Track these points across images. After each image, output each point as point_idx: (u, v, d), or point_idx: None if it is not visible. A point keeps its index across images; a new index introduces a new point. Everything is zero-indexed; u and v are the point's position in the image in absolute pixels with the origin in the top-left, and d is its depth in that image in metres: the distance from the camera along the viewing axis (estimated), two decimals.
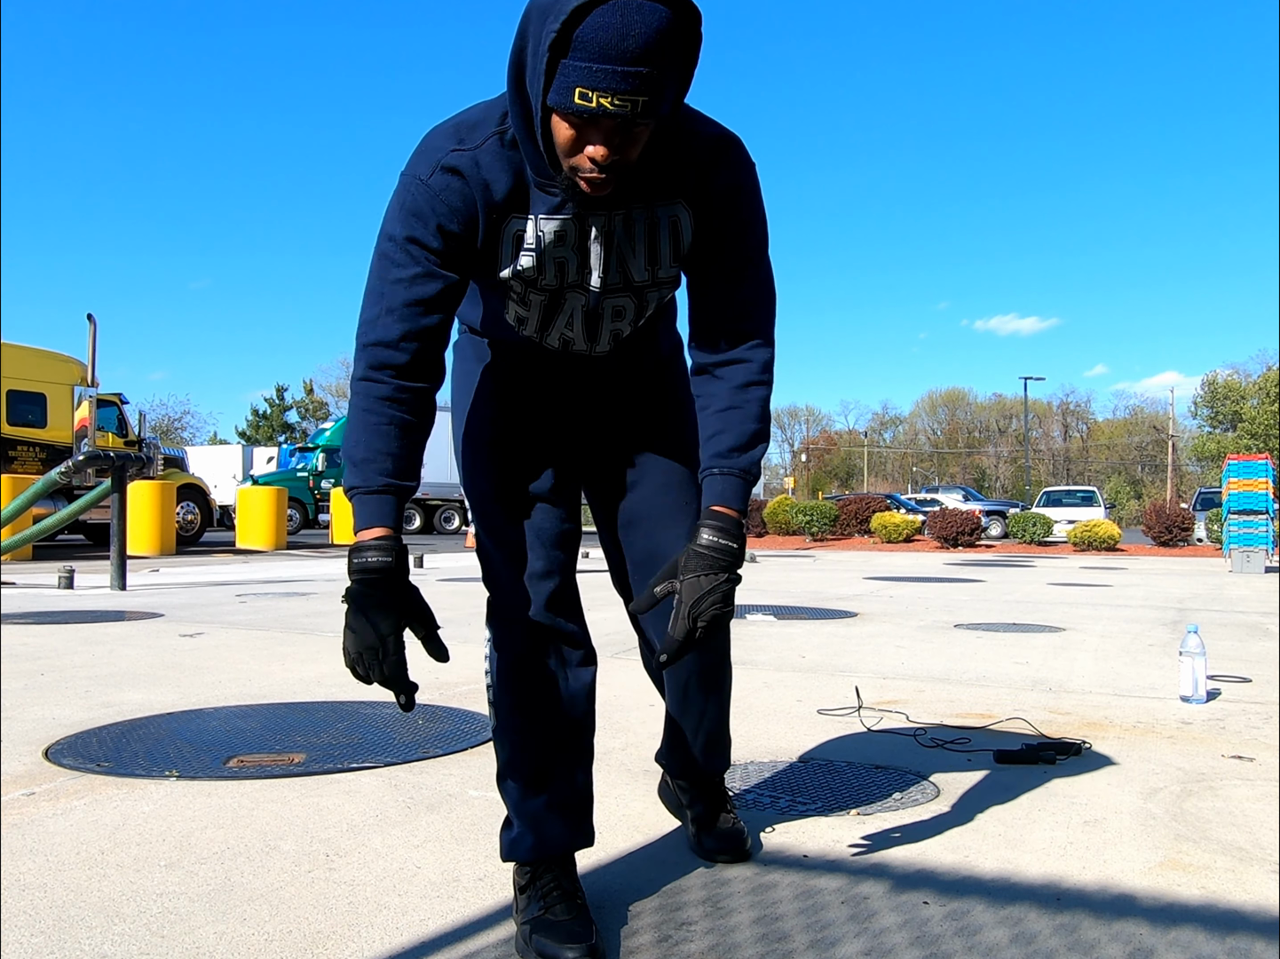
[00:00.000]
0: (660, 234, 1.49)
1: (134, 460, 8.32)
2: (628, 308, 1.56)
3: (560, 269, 1.49)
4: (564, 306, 1.54)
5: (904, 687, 3.63)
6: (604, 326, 1.58)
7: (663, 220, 1.48)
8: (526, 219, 1.45)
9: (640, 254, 1.50)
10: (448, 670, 3.90)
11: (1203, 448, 56.04)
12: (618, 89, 1.21)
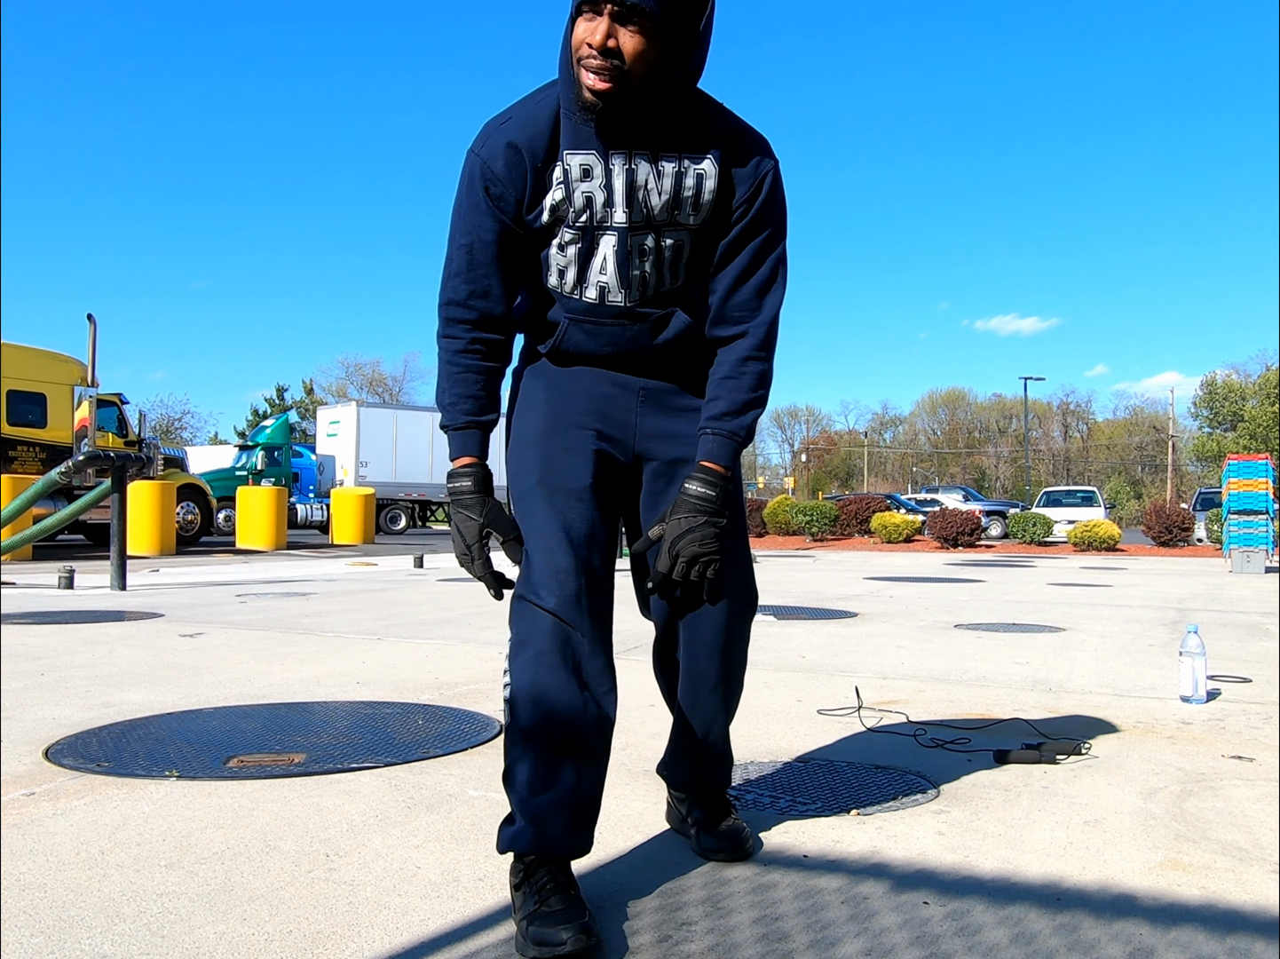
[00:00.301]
0: (684, 182, 1.65)
1: (134, 460, 8.32)
2: (651, 248, 1.68)
3: (588, 202, 1.64)
4: (597, 250, 1.67)
5: (904, 687, 3.63)
6: (632, 268, 1.68)
7: (689, 171, 1.65)
8: (557, 163, 1.63)
9: (664, 194, 1.64)
10: (448, 670, 3.90)
11: (1203, 448, 56.05)
12: None
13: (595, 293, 1.71)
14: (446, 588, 8.01)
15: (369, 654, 4.33)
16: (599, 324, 1.74)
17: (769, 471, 78.38)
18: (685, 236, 1.69)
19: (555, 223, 1.66)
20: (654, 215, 1.66)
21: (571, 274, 1.70)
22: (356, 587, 8.17)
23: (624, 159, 1.62)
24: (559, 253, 1.69)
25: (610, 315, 1.73)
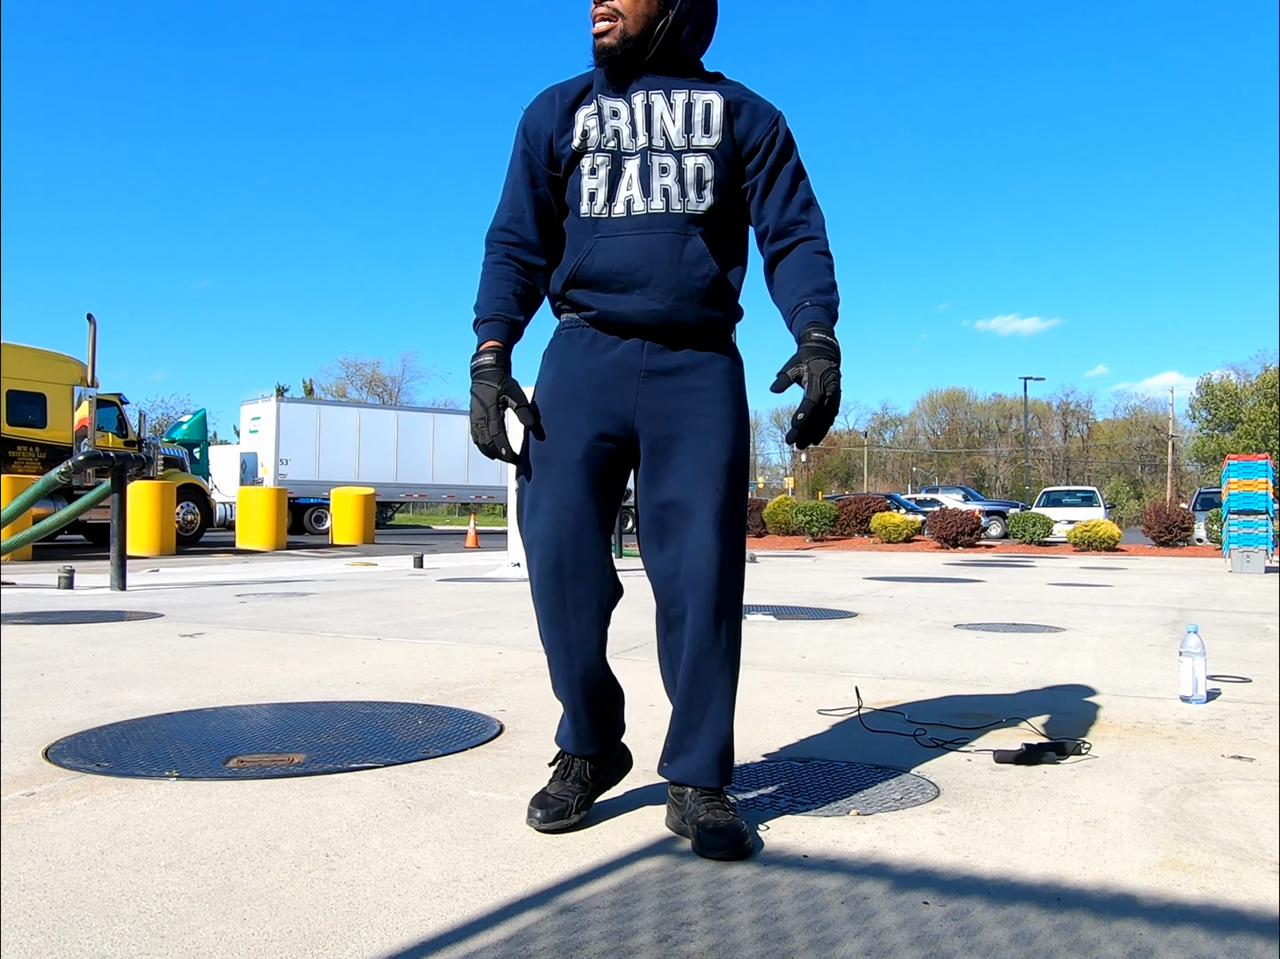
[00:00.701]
0: (694, 110, 1.94)
1: (134, 460, 8.32)
2: (670, 166, 1.93)
3: (616, 133, 1.94)
4: (624, 170, 1.94)
5: (904, 687, 3.63)
6: (654, 182, 1.93)
7: (697, 101, 1.95)
8: (587, 104, 1.97)
9: (678, 121, 1.94)
10: (448, 670, 3.90)
11: (1202, 449, 56.04)
12: None
13: (623, 207, 1.94)
14: (446, 588, 8.01)
15: (369, 654, 4.33)
16: (624, 236, 1.93)
17: (769, 471, 78.33)
18: (707, 160, 1.94)
19: (583, 152, 1.96)
20: (671, 140, 1.94)
21: (602, 194, 1.95)
22: (356, 587, 8.17)
23: (643, 96, 1.95)
24: (590, 176, 1.96)
25: (635, 226, 1.93)
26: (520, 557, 9.63)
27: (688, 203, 1.93)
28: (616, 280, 1.93)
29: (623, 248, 1.93)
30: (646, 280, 1.92)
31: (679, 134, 1.93)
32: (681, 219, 1.93)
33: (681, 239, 1.92)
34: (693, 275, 1.93)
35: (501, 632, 5.15)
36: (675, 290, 1.92)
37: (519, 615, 5.92)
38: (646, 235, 1.92)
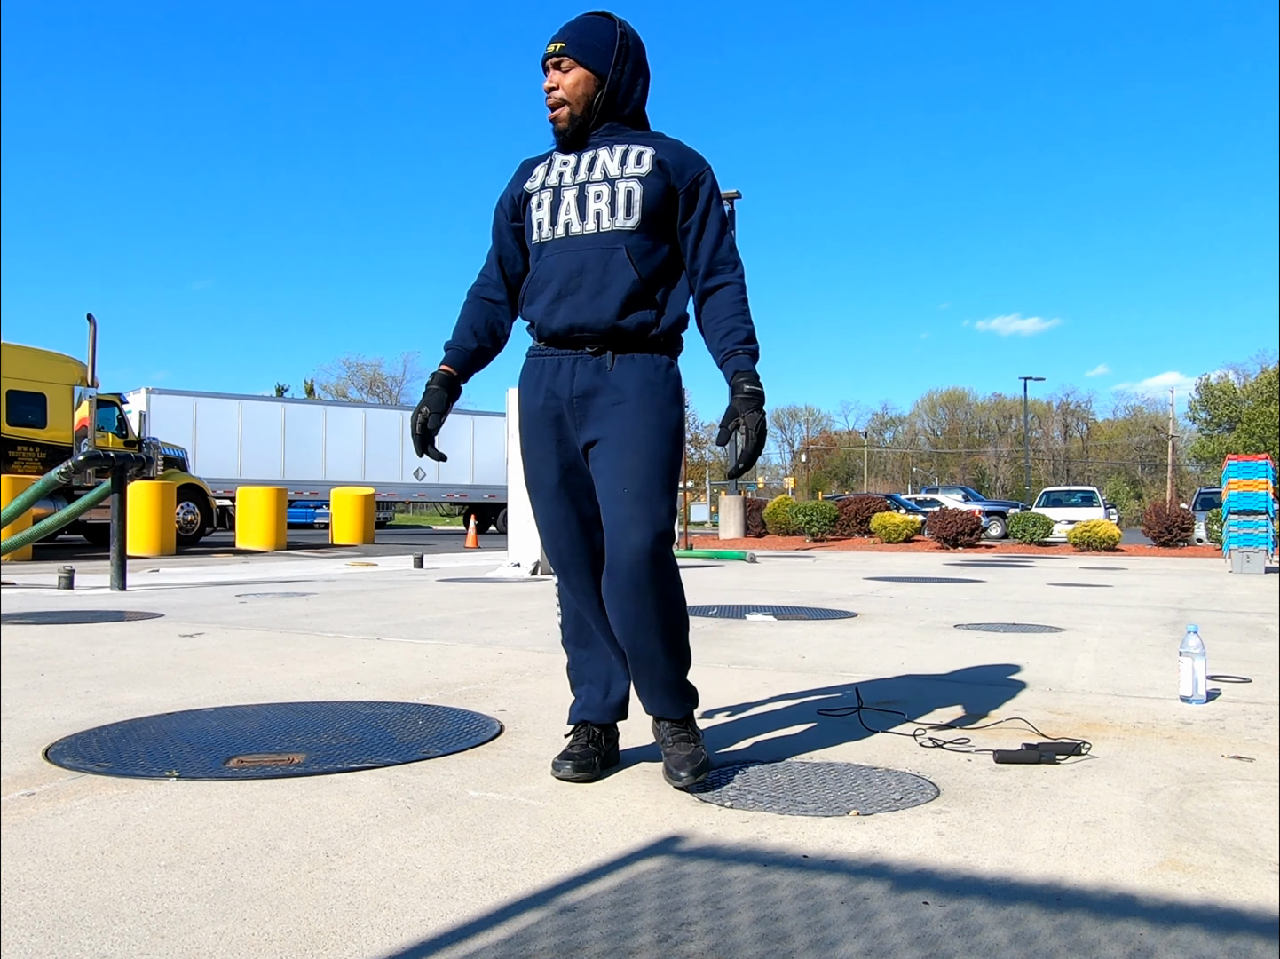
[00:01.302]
0: (629, 153, 2.29)
1: (134, 460, 8.32)
2: (606, 192, 2.26)
3: (560, 175, 2.31)
4: (563, 199, 2.29)
5: (904, 687, 3.63)
6: (589, 206, 2.26)
7: (632, 148, 2.30)
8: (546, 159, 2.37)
9: (615, 160, 2.28)
10: (448, 671, 3.90)
11: (1202, 449, 56.03)
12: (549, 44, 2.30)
13: (562, 229, 2.29)
14: (446, 588, 8.01)
15: (369, 654, 4.33)
16: (561, 253, 2.27)
17: (769, 471, 78.31)
18: (636, 184, 2.25)
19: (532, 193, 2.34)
20: (608, 172, 2.27)
21: (546, 221, 2.30)
22: (356, 587, 8.17)
23: (590, 151, 2.32)
24: (537, 209, 2.32)
25: (571, 245, 2.27)
26: (519, 557, 9.65)
27: (616, 221, 2.25)
28: (550, 288, 2.28)
29: (559, 261, 2.27)
30: (577, 288, 2.25)
31: (615, 167, 2.27)
32: (611, 235, 2.25)
33: (609, 251, 2.24)
34: (615, 280, 2.23)
35: (501, 632, 5.15)
36: (599, 294, 2.24)
37: (519, 615, 5.92)
38: (580, 251, 2.26)
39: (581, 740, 2.41)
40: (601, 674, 2.43)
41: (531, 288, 2.32)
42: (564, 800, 2.20)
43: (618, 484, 2.23)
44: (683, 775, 2.24)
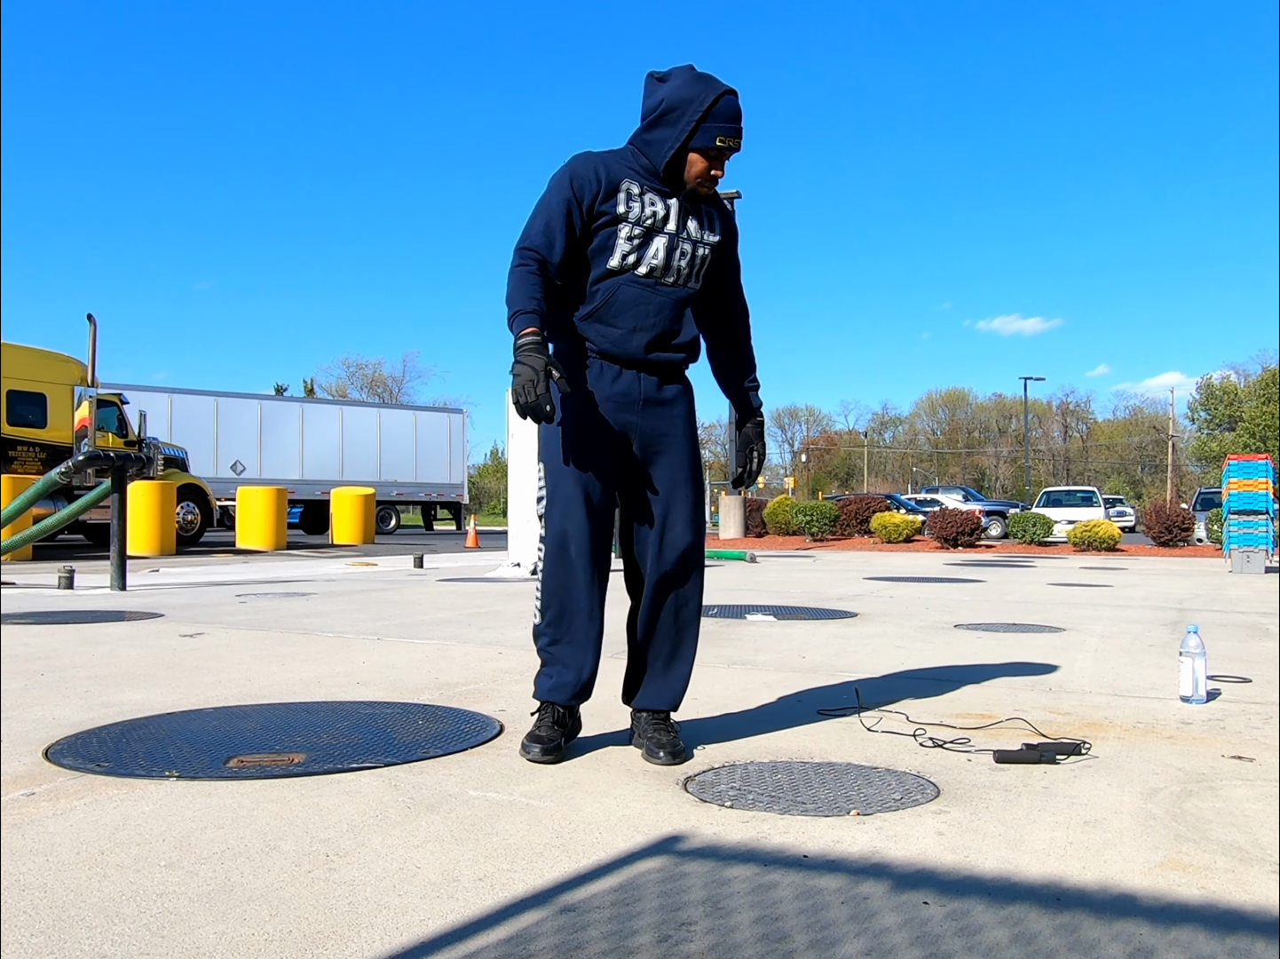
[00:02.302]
0: (708, 220, 2.64)
1: (134, 460, 8.32)
2: (689, 253, 2.60)
3: (653, 215, 2.55)
4: (653, 242, 2.55)
5: (904, 687, 3.63)
6: (675, 260, 2.58)
7: (708, 213, 2.65)
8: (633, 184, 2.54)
9: (697, 224, 2.61)
10: (448, 670, 3.90)
11: (1202, 449, 56.02)
12: (737, 135, 2.53)
13: (645, 268, 2.55)
14: (446, 588, 8.01)
15: (369, 654, 4.33)
16: (642, 287, 2.55)
17: (769, 472, 78.31)
18: (709, 253, 2.64)
19: (620, 220, 2.52)
20: (693, 235, 2.60)
21: (633, 256, 2.54)
22: (356, 587, 8.17)
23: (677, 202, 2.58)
24: (626, 241, 2.54)
25: (652, 288, 2.56)
26: (519, 557, 9.64)
27: (691, 282, 2.62)
28: (630, 317, 2.54)
29: (640, 296, 2.55)
30: (653, 326, 2.56)
31: (697, 230, 2.61)
32: (685, 291, 2.61)
33: (682, 304, 2.61)
34: (685, 329, 2.62)
35: (501, 632, 5.15)
36: (669, 339, 2.59)
37: (519, 615, 5.92)
38: (659, 295, 2.57)
39: (548, 721, 2.60)
40: (575, 658, 2.61)
41: (608, 310, 2.54)
42: (564, 800, 2.20)
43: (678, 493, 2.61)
44: (662, 755, 2.53)
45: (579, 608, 2.58)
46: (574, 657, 2.61)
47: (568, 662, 2.61)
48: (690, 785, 2.32)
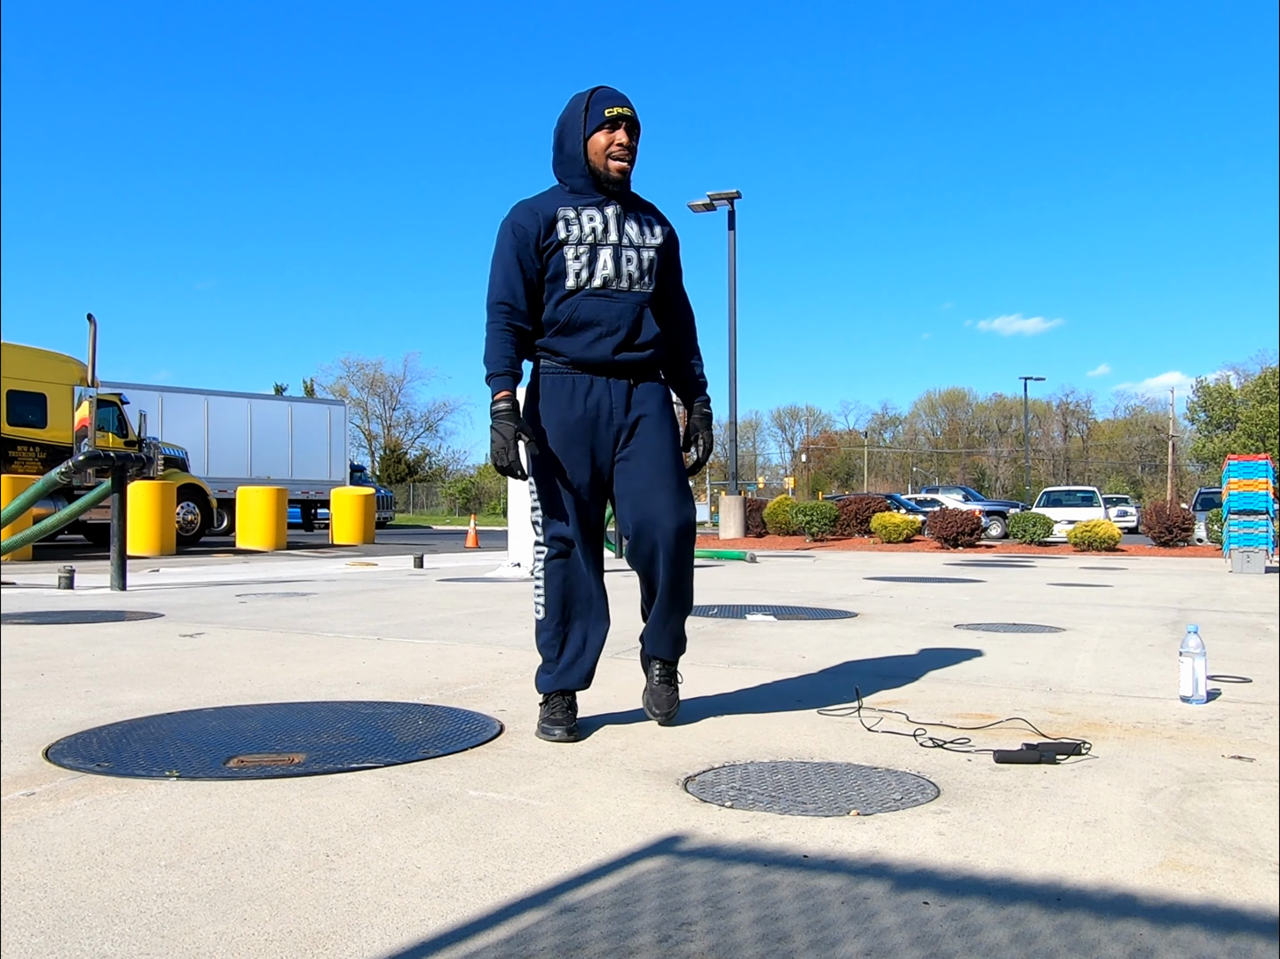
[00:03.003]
0: (646, 225, 2.87)
1: (134, 460, 8.32)
2: (635, 258, 2.81)
3: (593, 231, 2.78)
4: (599, 255, 2.78)
5: (904, 687, 3.63)
6: (624, 267, 2.80)
7: (644, 217, 2.88)
8: (568, 210, 2.78)
9: (637, 230, 2.85)
10: (448, 670, 3.90)
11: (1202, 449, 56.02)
12: (623, 104, 2.77)
13: (598, 280, 2.78)
14: (446, 588, 8.01)
15: (369, 654, 4.33)
16: (600, 298, 2.78)
17: (769, 471, 78.33)
18: (655, 255, 2.85)
19: (564, 244, 2.76)
20: (633, 239, 2.82)
21: (585, 271, 2.77)
22: (356, 587, 8.17)
23: (613, 209, 2.82)
24: (574, 260, 2.76)
25: (609, 297, 2.79)
26: (519, 557, 9.64)
27: (643, 284, 2.83)
28: (593, 330, 2.77)
29: (599, 307, 2.78)
30: (614, 331, 2.78)
31: (637, 236, 2.83)
32: (639, 294, 2.82)
33: (639, 307, 2.82)
34: (644, 333, 2.82)
35: (501, 632, 5.15)
36: (634, 341, 2.80)
37: (519, 615, 5.92)
38: (616, 303, 2.79)
39: (562, 706, 2.85)
40: (578, 648, 2.88)
41: (570, 325, 2.77)
42: (564, 800, 2.20)
43: (659, 479, 2.80)
44: (657, 713, 2.92)
45: (578, 602, 2.87)
46: (575, 647, 2.88)
47: (572, 653, 2.88)
48: (690, 785, 2.32)
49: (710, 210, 22.54)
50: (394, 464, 63.92)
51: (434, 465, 68.19)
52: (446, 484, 60.66)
